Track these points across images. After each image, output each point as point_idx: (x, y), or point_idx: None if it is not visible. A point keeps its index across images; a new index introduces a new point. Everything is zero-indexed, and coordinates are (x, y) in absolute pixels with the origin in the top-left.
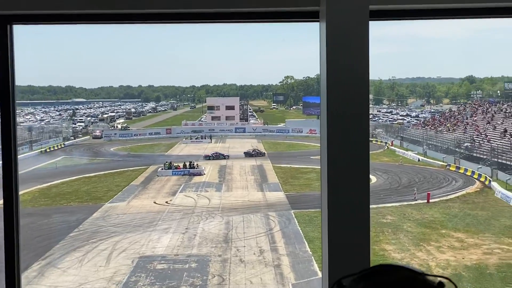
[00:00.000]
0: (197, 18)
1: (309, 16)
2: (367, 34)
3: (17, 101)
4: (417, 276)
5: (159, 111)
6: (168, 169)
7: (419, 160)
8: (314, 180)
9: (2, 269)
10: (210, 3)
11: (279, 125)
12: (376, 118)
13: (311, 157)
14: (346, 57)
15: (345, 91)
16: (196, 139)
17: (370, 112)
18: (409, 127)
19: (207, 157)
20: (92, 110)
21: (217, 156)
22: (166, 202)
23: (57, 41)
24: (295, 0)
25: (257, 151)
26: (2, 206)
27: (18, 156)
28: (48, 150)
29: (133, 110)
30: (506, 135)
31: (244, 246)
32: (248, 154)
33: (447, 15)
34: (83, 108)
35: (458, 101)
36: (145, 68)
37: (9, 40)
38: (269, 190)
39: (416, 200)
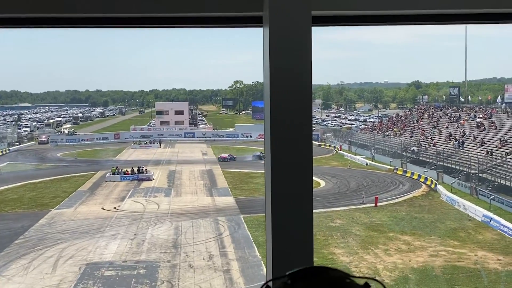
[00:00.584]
0: (141, 23)
1: (253, 22)
2: (310, 40)
3: None
4: (347, 277)
5: (107, 116)
6: (114, 174)
7: (367, 164)
8: (263, 185)
9: None
10: (154, 8)
11: (228, 130)
12: (325, 122)
13: (261, 162)
14: (289, 62)
15: (288, 96)
16: (145, 144)
17: (319, 117)
18: (357, 131)
19: (224, 159)
20: (38, 115)
21: (231, 158)
22: (114, 208)
23: (1, 45)
24: (238, 5)
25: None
26: None
27: None
28: None
29: (80, 115)
30: (451, 139)
31: (194, 252)
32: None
33: (391, 21)
34: (28, 113)
35: (405, 105)
36: (93, 72)
37: None
38: (218, 195)
39: (364, 204)
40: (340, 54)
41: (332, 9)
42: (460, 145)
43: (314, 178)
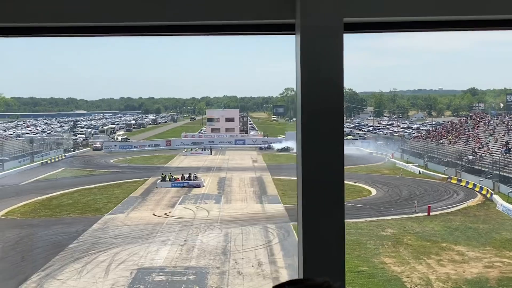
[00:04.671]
0: (180, 30)
1: (286, 29)
2: (341, 47)
3: (19, 113)
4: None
5: (159, 123)
6: (163, 181)
7: (419, 172)
8: None
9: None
10: (190, 16)
11: (279, 137)
12: (377, 130)
13: None
14: (320, 70)
15: (319, 104)
16: (195, 151)
17: (370, 125)
18: (410, 139)
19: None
20: (92, 122)
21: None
22: (165, 214)
23: (59, 53)
24: (272, 12)
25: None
26: None
27: (20, 168)
28: (49, 162)
29: (133, 122)
30: (508, 147)
31: (243, 259)
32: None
33: (424, 28)
34: (84, 120)
35: (460, 113)
36: (146, 80)
37: None
38: (268, 202)
39: (416, 213)
40: (392, 61)
41: (365, 15)
42: (508, 153)
43: (365, 186)
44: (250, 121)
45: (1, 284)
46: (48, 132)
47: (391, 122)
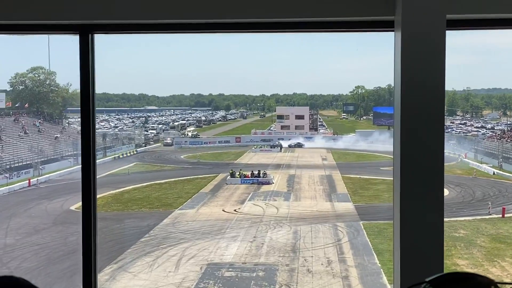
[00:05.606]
0: (273, 27)
1: (384, 26)
2: (444, 44)
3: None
4: (492, 283)
5: (229, 119)
6: (232, 177)
7: (494, 173)
8: (384, 192)
9: (79, 270)
10: (287, 13)
11: (349, 135)
12: (450, 129)
13: (381, 168)
14: (422, 67)
15: (420, 101)
16: (265, 147)
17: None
18: (484, 139)
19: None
20: (163, 118)
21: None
22: (235, 210)
23: (130, 50)
24: (370, 9)
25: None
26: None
27: None
28: (121, 156)
29: (203, 118)
30: None
31: (312, 256)
32: None
33: None
34: (155, 115)
35: None
36: (216, 76)
37: (90, 49)
38: (337, 201)
39: (490, 214)
40: (466, 59)
41: (467, 12)
42: None
43: None
44: (319, 118)
45: (77, 275)
46: (120, 127)
47: (464, 121)
